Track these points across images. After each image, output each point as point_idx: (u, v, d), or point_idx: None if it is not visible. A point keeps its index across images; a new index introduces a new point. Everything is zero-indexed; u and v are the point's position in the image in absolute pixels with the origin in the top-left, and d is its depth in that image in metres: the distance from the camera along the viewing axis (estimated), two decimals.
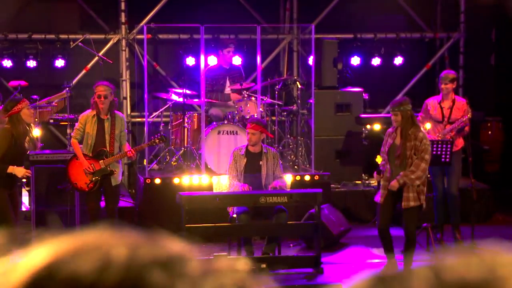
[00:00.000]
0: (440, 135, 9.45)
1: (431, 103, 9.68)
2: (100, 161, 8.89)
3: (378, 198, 8.15)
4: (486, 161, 11.97)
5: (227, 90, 11.15)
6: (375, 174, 8.23)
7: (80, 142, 9.06)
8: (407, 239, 8.14)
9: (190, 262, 0.90)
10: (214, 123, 10.54)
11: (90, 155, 8.90)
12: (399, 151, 7.93)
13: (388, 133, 8.21)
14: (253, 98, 10.62)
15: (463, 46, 12.98)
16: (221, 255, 8.40)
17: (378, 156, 8.18)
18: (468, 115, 9.46)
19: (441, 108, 9.56)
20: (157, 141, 9.27)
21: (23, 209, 9.86)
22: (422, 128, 8.20)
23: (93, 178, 8.92)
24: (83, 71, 12.04)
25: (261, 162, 8.84)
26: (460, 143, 9.53)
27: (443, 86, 9.58)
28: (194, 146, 10.58)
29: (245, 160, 8.82)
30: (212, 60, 11.40)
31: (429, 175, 9.72)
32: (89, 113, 9.05)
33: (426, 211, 9.36)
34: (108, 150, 8.94)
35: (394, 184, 7.91)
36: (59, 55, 11.76)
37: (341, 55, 11.99)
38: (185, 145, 10.60)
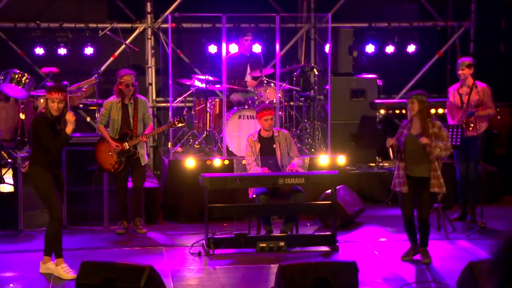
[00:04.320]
0: (458, 121, 9.39)
1: (451, 91, 9.63)
2: (124, 143, 8.99)
3: (398, 187, 7.86)
4: (495, 145, 11.88)
5: (247, 79, 11.12)
6: (388, 138, 7.91)
7: (106, 127, 9.15)
8: (421, 224, 7.90)
9: None
10: (235, 108, 10.52)
11: (116, 137, 9.03)
12: (422, 135, 7.73)
13: (404, 125, 7.95)
14: (272, 84, 10.59)
15: (474, 34, 12.86)
16: (241, 233, 8.41)
17: (388, 139, 7.96)
18: (479, 98, 9.35)
19: (460, 94, 9.49)
20: (176, 122, 9.31)
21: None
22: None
23: (118, 159, 9.02)
24: (111, 58, 12.06)
25: (274, 146, 8.85)
26: (481, 127, 9.42)
27: (460, 72, 9.50)
28: (216, 130, 10.57)
29: (259, 145, 8.84)
30: (233, 48, 11.37)
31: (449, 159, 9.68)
32: (113, 99, 9.15)
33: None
34: (132, 132, 9.04)
35: (424, 139, 7.63)
36: (88, 43, 11.78)
37: (356, 43, 11.91)
38: (208, 129, 10.60)
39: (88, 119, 11.78)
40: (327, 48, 11.11)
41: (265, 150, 8.87)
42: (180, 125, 9.37)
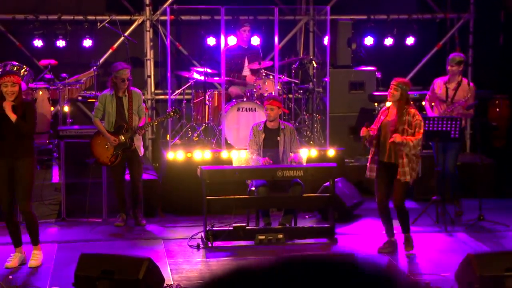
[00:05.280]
0: (442, 114, 9.39)
1: (438, 83, 9.64)
2: (120, 136, 8.99)
3: (370, 174, 8.02)
4: (493, 137, 11.87)
5: (245, 71, 11.11)
6: (363, 128, 7.91)
7: (101, 120, 9.14)
8: (397, 211, 7.97)
9: None
10: (234, 100, 10.52)
11: (112, 130, 9.02)
12: (394, 126, 7.85)
13: (382, 111, 8.13)
14: (270, 77, 10.58)
15: (473, 26, 12.82)
16: (240, 226, 8.41)
17: (363, 129, 7.96)
18: (468, 95, 9.39)
19: (447, 88, 9.51)
20: (172, 113, 9.31)
21: (53, 181, 9.93)
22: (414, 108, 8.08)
23: (114, 152, 9.02)
24: (110, 51, 12.04)
25: (278, 138, 8.82)
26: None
27: (449, 68, 9.54)
28: (215, 122, 10.57)
29: (263, 135, 8.81)
30: (232, 40, 11.35)
31: (427, 150, 9.69)
32: (107, 92, 9.13)
33: (435, 185, 9.34)
34: (128, 124, 9.04)
35: (397, 136, 7.72)
36: (87, 35, 11.75)
37: (355, 35, 11.90)
38: (206, 121, 10.59)
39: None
40: (326, 40, 11.11)
41: (268, 141, 8.85)
42: (174, 115, 9.36)
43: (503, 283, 6.42)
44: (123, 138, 9.02)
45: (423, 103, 10.15)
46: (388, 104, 8.18)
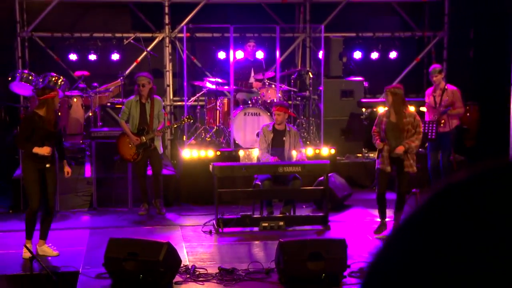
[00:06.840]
0: (432, 118, 9.35)
1: (427, 93, 9.62)
2: (141, 137, 8.97)
3: (381, 165, 7.97)
4: (465, 138, 11.81)
5: (251, 80, 11.09)
6: (378, 142, 7.99)
7: (126, 122, 9.11)
8: (400, 199, 8.01)
9: None
10: (241, 106, 10.48)
11: (135, 132, 8.99)
12: (400, 126, 7.83)
13: (382, 114, 8.09)
14: (273, 86, 10.55)
15: (447, 43, 12.79)
16: (246, 214, 8.38)
17: (379, 143, 7.95)
18: (451, 98, 9.35)
19: (433, 96, 9.47)
20: (186, 119, 9.30)
21: (86, 176, 9.90)
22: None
23: (137, 151, 8.99)
24: (134, 63, 12.01)
25: (284, 138, 8.80)
26: (452, 123, 9.41)
27: (434, 78, 9.46)
28: (225, 125, 10.54)
29: (272, 135, 8.79)
30: (240, 54, 11.33)
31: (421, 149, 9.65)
32: (132, 98, 9.10)
33: (418, 178, 9.29)
34: (149, 127, 9.01)
35: (401, 148, 7.82)
36: (115, 50, 11.74)
37: (346, 50, 11.86)
38: (217, 124, 10.56)
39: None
40: (320, 54, 11.07)
41: (276, 140, 8.82)
42: (188, 121, 9.41)
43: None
44: (144, 138, 8.99)
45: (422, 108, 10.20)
46: (381, 109, 8.18)
